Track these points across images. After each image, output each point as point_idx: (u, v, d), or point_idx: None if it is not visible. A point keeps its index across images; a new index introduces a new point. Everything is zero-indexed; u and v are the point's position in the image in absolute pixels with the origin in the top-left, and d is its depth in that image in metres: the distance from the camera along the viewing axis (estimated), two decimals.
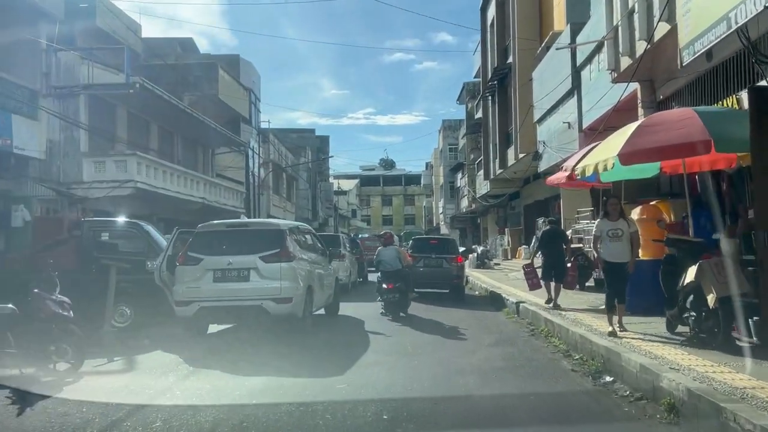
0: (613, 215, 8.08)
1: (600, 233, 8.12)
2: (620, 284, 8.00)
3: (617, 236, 7.92)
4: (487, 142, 33.12)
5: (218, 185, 25.69)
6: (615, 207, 8.15)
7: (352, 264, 19.08)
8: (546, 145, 20.09)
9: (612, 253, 7.97)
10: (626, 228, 7.96)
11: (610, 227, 8.01)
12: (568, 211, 24.00)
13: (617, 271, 7.95)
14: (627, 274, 7.96)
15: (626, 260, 7.94)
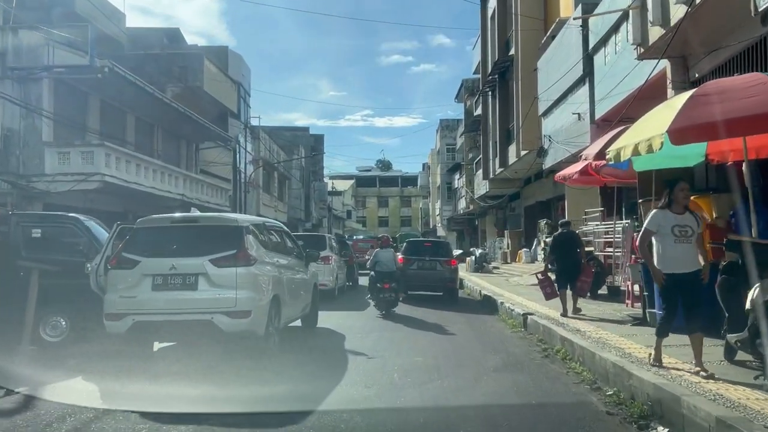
0: (679, 206, 5.83)
1: (657, 229, 5.81)
2: (693, 303, 5.77)
3: (685, 235, 5.71)
4: (487, 140, 31.40)
5: (201, 182, 23.91)
6: (686, 194, 5.86)
7: (340, 267, 17.31)
8: (552, 139, 18.36)
9: (678, 258, 5.72)
10: (695, 226, 5.79)
11: (677, 222, 5.74)
12: (574, 213, 22.26)
13: (688, 284, 5.72)
14: (702, 289, 5.82)
15: (698, 268, 5.77)
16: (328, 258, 15.00)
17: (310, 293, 9.86)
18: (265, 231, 8.13)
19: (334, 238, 17.13)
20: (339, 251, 17.35)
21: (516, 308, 11.75)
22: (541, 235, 26.29)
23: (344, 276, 17.84)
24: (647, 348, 6.78)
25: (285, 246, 8.96)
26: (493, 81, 28.15)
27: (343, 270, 17.76)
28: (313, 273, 10.28)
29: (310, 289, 9.91)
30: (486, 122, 31.55)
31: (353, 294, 17.86)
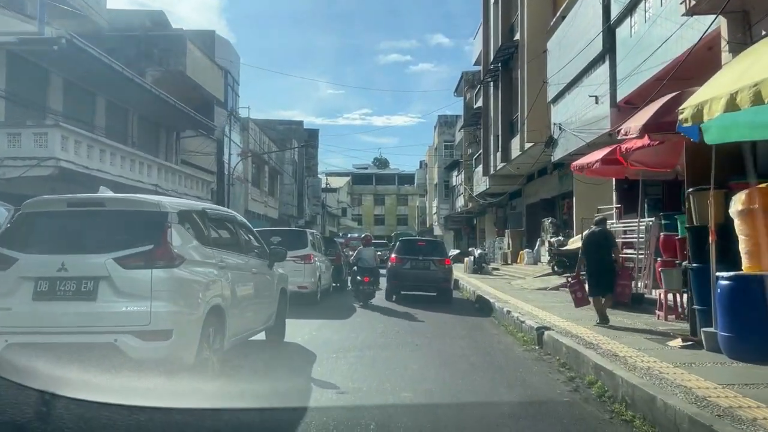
0: None
1: None
2: None
3: None
4: (488, 134, 29.42)
5: (178, 172, 21.86)
6: None
7: (326, 268, 15.30)
8: (563, 128, 16.37)
9: None
10: None
11: None
12: (583, 210, 20.29)
13: None
14: None
15: None
16: (308, 257, 12.99)
17: (275, 300, 7.85)
18: (206, 221, 6.07)
19: (317, 235, 15.08)
20: (323, 249, 15.34)
21: (526, 319, 9.74)
22: (546, 235, 24.32)
23: (329, 277, 15.82)
24: (725, 389, 4.82)
25: (238, 242, 6.91)
26: (496, 70, 26.15)
27: (329, 270, 15.74)
28: (280, 276, 8.27)
29: (276, 296, 7.90)
30: (487, 115, 29.56)
31: (339, 297, 15.84)
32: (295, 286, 12.60)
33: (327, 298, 14.95)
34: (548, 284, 17.72)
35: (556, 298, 14.22)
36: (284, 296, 8.29)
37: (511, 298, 13.93)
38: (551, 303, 12.84)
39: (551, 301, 13.40)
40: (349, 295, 16.28)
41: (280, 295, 8.00)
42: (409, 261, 14.84)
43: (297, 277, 12.78)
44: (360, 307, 12.90)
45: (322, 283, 14.31)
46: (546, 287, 17.11)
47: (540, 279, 19.49)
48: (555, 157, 17.51)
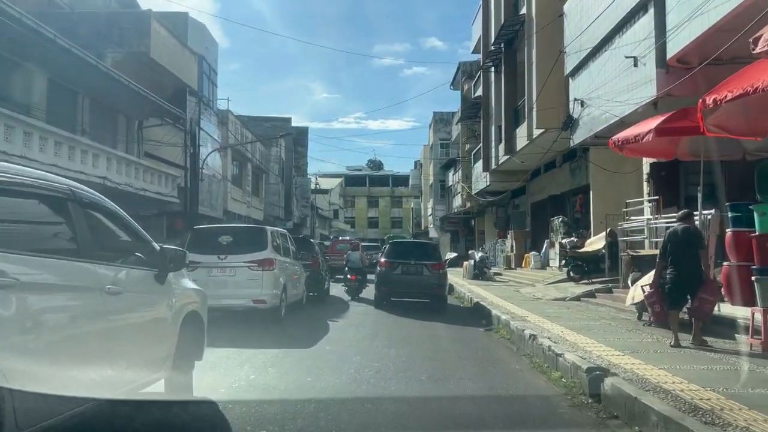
0: None
1: None
2: None
3: None
4: (488, 125, 26.39)
5: (135, 164, 18.71)
6: None
7: (297, 275, 12.21)
8: (586, 104, 13.32)
9: None
10: None
11: None
12: (601, 206, 17.28)
13: None
14: None
15: None
16: (267, 262, 9.87)
17: (171, 335, 4.72)
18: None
19: (283, 234, 11.91)
20: (293, 252, 12.21)
21: (564, 350, 6.63)
22: (555, 236, 21.28)
23: (302, 286, 12.68)
24: None
25: (77, 243, 3.72)
26: (498, 52, 23.15)
27: (300, 278, 12.62)
28: (184, 293, 5.10)
29: (173, 328, 4.76)
30: (487, 105, 26.55)
31: (314, 311, 12.72)
32: (250, 300, 9.54)
33: (297, 313, 11.84)
34: (566, 293, 14.67)
35: (585, 312, 11.17)
36: (195, 325, 5.17)
37: (528, 313, 10.85)
38: (582, 320, 9.79)
39: (580, 317, 10.35)
40: (327, 308, 13.30)
41: (183, 326, 4.87)
42: (400, 265, 13.55)
43: (252, 287, 9.75)
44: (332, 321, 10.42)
45: (290, 295, 11.19)
46: (564, 297, 14.06)
47: (554, 287, 16.43)
48: (575, 141, 14.47)
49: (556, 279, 17.92)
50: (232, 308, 9.75)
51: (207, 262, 9.75)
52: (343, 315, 12.16)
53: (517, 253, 25.04)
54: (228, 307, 9.73)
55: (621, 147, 9.32)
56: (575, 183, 20.51)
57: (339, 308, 13.53)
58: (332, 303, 14.85)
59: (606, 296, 13.32)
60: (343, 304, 14.53)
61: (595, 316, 10.52)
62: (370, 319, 11.65)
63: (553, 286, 16.81)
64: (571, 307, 12.12)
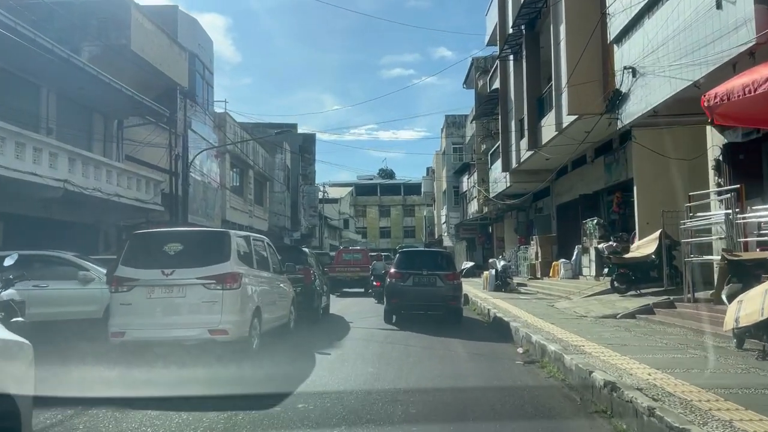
0: None
1: None
2: None
3: None
4: (507, 120, 23.65)
5: (106, 166, 16.17)
6: None
7: (278, 294, 9.51)
8: (641, 72, 10.54)
9: None
10: None
11: None
12: (649, 203, 14.49)
13: None
14: None
15: None
16: (229, 277, 7.16)
17: None
18: None
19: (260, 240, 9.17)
20: (275, 264, 9.49)
21: (680, 421, 3.84)
22: (589, 240, 18.42)
23: (287, 307, 9.95)
24: None
25: None
26: (518, 36, 20.47)
27: (286, 297, 9.90)
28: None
29: None
30: (505, 97, 23.83)
31: (303, 338, 9.96)
32: (205, 331, 6.87)
33: (280, 342, 9.11)
34: (615, 309, 11.84)
35: (654, 337, 8.36)
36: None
37: (579, 338, 8.08)
38: (660, 351, 7.03)
39: (653, 344, 7.58)
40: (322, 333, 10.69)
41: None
42: (411, 276, 12.23)
43: (208, 313, 7.09)
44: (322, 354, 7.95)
45: (269, 320, 8.46)
46: (615, 314, 11.24)
47: (596, 300, 13.59)
48: (624, 121, 11.65)
49: (595, 290, 15.07)
50: (180, 342, 7.08)
51: (147, 280, 7.12)
52: (339, 342, 9.45)
53: (542, 261, 22.17)
54: (176, 341, 7.07)
55: (714, 108, 6.55)
56: (612, 179, 17.69)
57: (337, 332, 10.82)
58: (330, 324, 12.15)
59: (669, 313, 10.48)
60: (342, 326, 11.83)
61: (673, 343, 7.71)
62: (373, 347, 8.95)
63: (594, 299, 13.97)
64: (632, 329, 9.30)
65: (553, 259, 21.73)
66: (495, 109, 27.57)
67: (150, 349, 7.01)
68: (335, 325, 11.98)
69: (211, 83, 27.74)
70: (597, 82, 14.83)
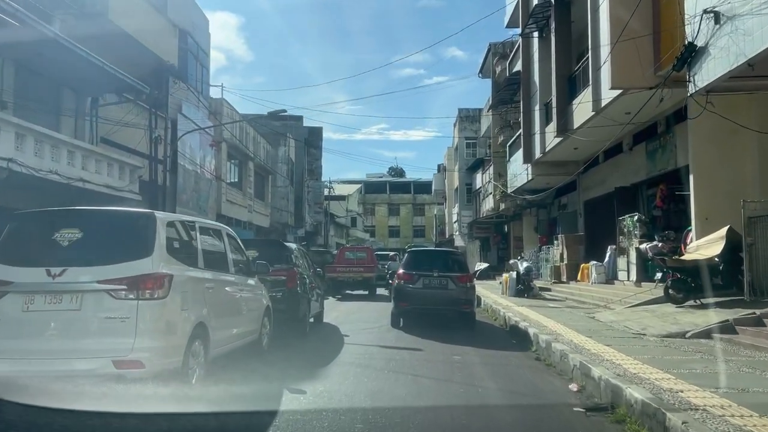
0: None
1: None
2: None
3: None
4: (530, 107, 21.07)
5: (68, 146, 13.75)
6: None
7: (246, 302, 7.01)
8: (725, 16, 7.94)
9: None
10: None
11: None
12: (710, 195, 11.93)
13: None
14: None
15: None
16: (146, 281, 4.68)
17: None
18: None
19: (214, 230, 6.60)
20: (236, 262, 6.96)
21: None
22: (628, 240, 15.80)
23: (257, 320, 7.44)
24: None
25: None
26: (546, 7, 17.88)
27: (255, 307, 7.39)
28: None
29: None
30: (528, 81, 21.24)
31: (276, 362, 7.40)
32: (109, 362, 4.42)
33: (238, 371, 6.57)
34: (678, 324, 9.27)
35: (764, 370, 5.78)
36: None
37: (661, 373, 5.54)
38: None
39: None
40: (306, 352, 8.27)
41: None
42: (421, 278, 11.39)
43: (115, 335, 4.60)
44: (294, 392, 5.56)
45: (220, 341, 5.95)
46: (682, 332, 8.67)
47: (647, 311, 11.00)
48: (702, 82, 9.00)
49: (640, 299, 12.47)
50: (73, 376, 4.61)
51: (24, 284, 4.65)
52: (325, 369, 6.94)
53: (569, 263, 19.55)
54: (67, 374, 4.60)
55: None
56: (656, 168, 15.08)
57: (325, 351, 8.34)
58: (319, 340, 9.67)
59: (759, 333, 7.89)
60: (335, 342, 9.33)
61: None
62: (369, 378, 6.46)
63: (642, 309, 11.38)
64: (725, 357, 6.71)
65: (580, 260, 19.12)
66: (514, 96, 24.99)
67: (24, 387, 4.54)
68: (326, 341, 9.48)
69: (205, 65, 25.37)
70: (647, 51, 12.29)
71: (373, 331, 10.83)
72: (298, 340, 8.92)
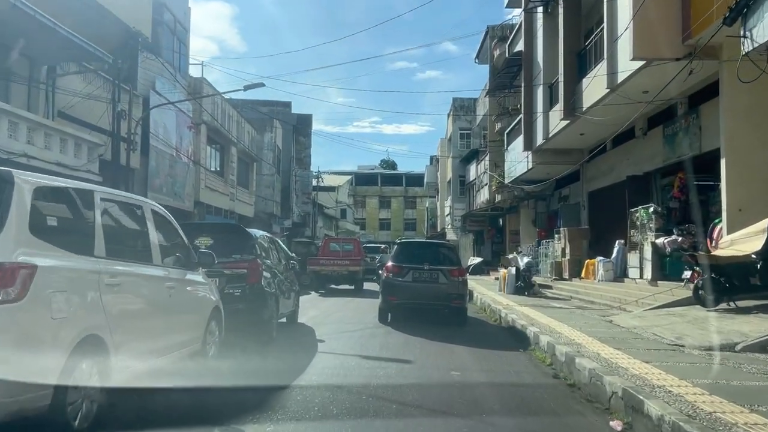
0: None
1: None
2: None
3: None
4: (531, 89, 19.40)
5: (8, 115, 11.92)
6: None
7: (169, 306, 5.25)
8: None
9: None
10: None
11: None
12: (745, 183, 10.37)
13: None
14: None
15: None
16: None
17: None
18: None
19: (111, 201, 4.65)
20: (155, 252, 5.15)
21: None
22: (641, 234, 14.20)
23: (200, 326, 5.71)
24: None
25: None
26: None
27: (196, 312, 5.66)
28: None
29: None
30: (531, 61, 19.57)
31: (204, 390, 5.69)
32: None
33: (153, 400, 4.87)
34: (723, 333, 7.62)
35: None
36: None
37: (743, 411, 3.84)
38: None
39: None
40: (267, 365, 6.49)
41: None
42: (411, 271, 10.74)
43: None
44: None
45: (132, 355, 4.22)
46: (731, 344, 7.02)
47: (674, 315, 9.36)
48: (763, 36, 7.35)
49: (660, 300, 10.86)
50: None
51: None
52: (281, 393, 5.20)
53: (572, 258, 17.93)
54: None
55: None
56: (675, 154, 13.45)
57: (291, 362, 6.66)
58: (286, 346, 7.97)
59: None
60: (305, 350, 7.64)
61: None
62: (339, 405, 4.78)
63: (668, 312, 9.75)
64: None
65: (584, 256, 17.52)
66: (514, 80, 23.32)
67: None
68: (294, 349, 7.77)
69: (184, 41, 23.46)
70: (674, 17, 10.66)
71: (354, 335, 9.15)
72: (259, 348, 7.20)
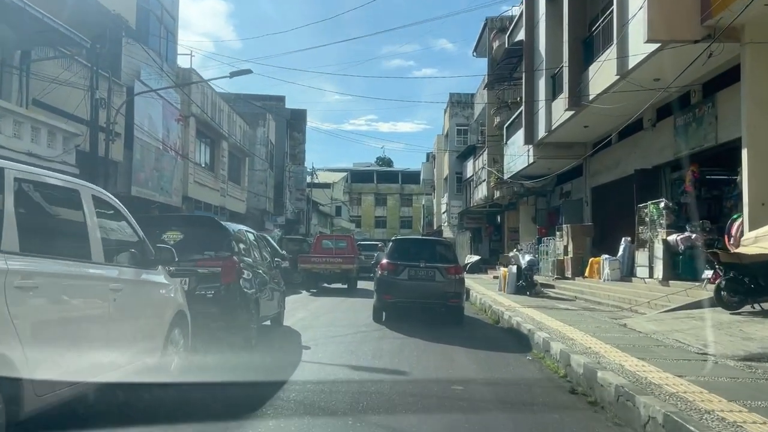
0: None
1: None
2: None
3: None
4: (533, 79, 18.56)
5: None
6: None
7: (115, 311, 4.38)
8: None
9: None
10: None
11: None
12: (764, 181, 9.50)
13: None
14: None
15: None
16: None
17: None
18: None
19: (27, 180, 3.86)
20: (95, 247, 4.22)
21: None
22: (651, 230, 13.37)
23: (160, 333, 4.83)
24: None
25: None
26: None
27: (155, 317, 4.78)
28: None
29: None
30: (532, 51, 18.73)
31: (152, 413, 4.86)
32: None
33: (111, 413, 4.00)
34: (755, 340, 6.78)
35: None
36: None
37: None
38: None
39: None
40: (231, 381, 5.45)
41: None
42: (406, 268, 10.39)
43: None
44: None
45: (49, 384, 3.35)
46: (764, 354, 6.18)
47: (694, 318, 8.53)
48: None
49: (676, 302, 10.04)
50: None
51: None
52: (251, 415, 4.33)
53: (575, 257, 17.10)
54: None
55: None
56: (687, 146, 12.62)
57: (269, 374, 5.78)
58: (268, 353, 7.11)
59: None
60: (288, 357, 6.78)
61: None
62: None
63: (687, 315, 8.92)
64: None
65: (587, 254, 16.71)
66: (514, 72, 22.48)
67: None
68: (275, 358, 6.88)
69: (172, 31, 22.52)
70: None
71: (344, 340, 8.28)
72: (234, 357, 6.32)
